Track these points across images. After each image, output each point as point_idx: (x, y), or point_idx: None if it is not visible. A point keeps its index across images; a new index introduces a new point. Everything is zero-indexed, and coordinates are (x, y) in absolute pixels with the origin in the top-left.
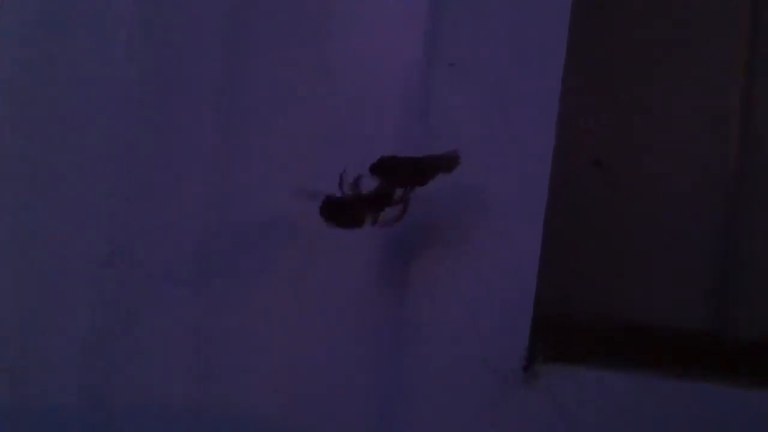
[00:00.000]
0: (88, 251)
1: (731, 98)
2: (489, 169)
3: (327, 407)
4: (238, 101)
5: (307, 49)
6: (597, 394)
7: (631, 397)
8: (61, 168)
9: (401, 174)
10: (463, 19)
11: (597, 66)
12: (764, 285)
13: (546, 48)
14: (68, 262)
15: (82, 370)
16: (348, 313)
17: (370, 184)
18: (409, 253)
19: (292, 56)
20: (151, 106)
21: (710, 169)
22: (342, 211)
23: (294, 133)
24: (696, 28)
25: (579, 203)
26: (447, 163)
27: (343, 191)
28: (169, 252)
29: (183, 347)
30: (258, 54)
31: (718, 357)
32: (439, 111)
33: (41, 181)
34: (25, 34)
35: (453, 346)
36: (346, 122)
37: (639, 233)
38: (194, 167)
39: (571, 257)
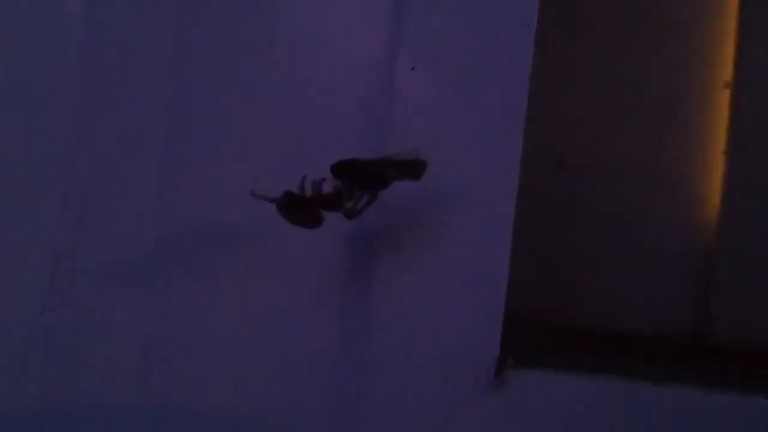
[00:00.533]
0: (35, 255)
1: (704, 93)
2: (456, 171)
3: (288, 411)
4: (190, 100)
5: (264, 47)
6: (568, 400)
7: (604, 403)
8: (4, 169)
9: (361, 177)
10: (426, 19)
11: (563, 63)
12: (746, 290)
13: (513, 48)
14: (14, 266)
15: (26, 375)
16: (308, 316)
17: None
18: (375, 256)
19: (248, 53)
20: (99, 103)
21: (691, 171)
22: (299, 208)
23: (250, 132)
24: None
25: (550, 206)
26: (412, 168)
27: (303, 193)
28: (119, 254)
29: (136, 351)
30: (211, 49)
31: (698, 363)
32: (403, 113)
33: None
34: None
35: (420, 350)
36: (307, 123)
37: (616, 237)
38: (144, 167)
39: (545, 262)
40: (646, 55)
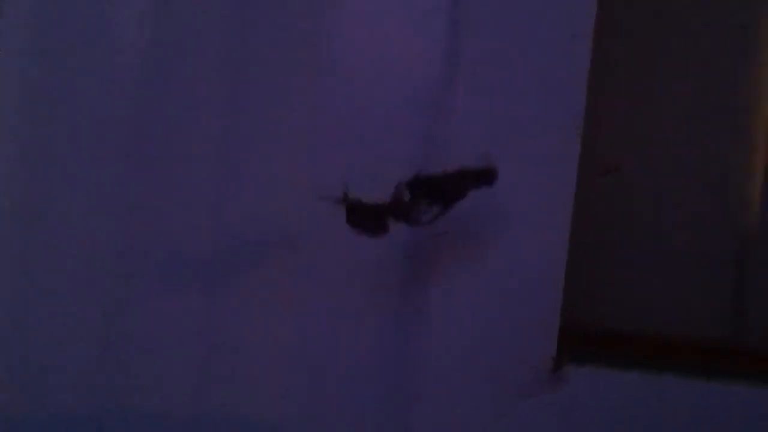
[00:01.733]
0: (93, 254)
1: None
2: (514, 178)
3: (342, 410)
4: (246, 110)
5: (323, 52)
6: (622, 396)
7: (657, 398)
8: (63, 171)
9: (437, 191)
10: (482, 32)
11: (615, 70)
12: None
13: (569, 58)
14: (72, 265)
15: (85, 373)
16: (369, 318)
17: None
18: (434, 257)
19: (305, 58)
20: (155, 108)
21: (727, 177)
22: (367, 216)
23: (308, 136)
24: (706, 33)
25: (597, 211)
26: (485, 176)
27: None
28: (174, 255)
29: (190, 350)
30: (268, 53)
31: (737, 364)
32: (461, 123)
33: (44, 186)
34: (27, 34)
35: (479, 349)
36: (365, 128)
37: (656, 243)
38: (198, 170)
39: (592, 267)
40: (697, 62)
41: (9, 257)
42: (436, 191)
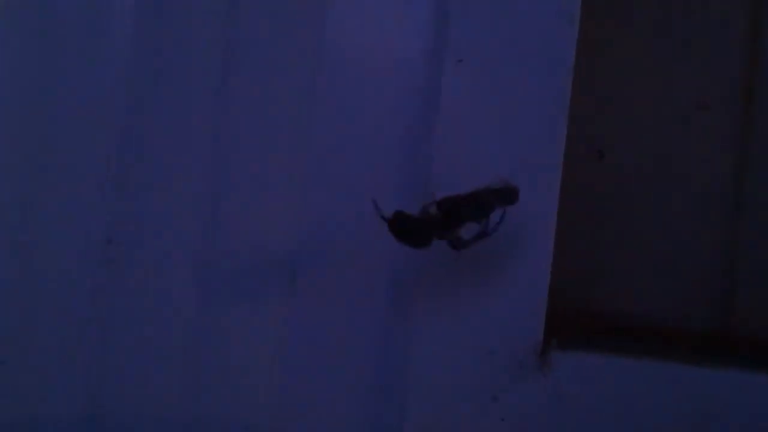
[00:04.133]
0: (84, 244)
1: (735, 92)
2: (500, 162)
3: (332, 405)
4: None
5: (309, 44)
6: (610, 380)
7: (645, 383)
8: (55, 162)
9: (464, 214)
10: (471, 13)
11: (602, 56)
12: None
13: (556, 41)
14: (63, 254)
15: (75, 364)
16: (359, 311)
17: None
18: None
19: (293, 51)
20: (147, 99)
21: (715, 167)
22: (414, 229)
23: (295, 129)
24: (699, 20)
25: (585, 198)
26: (508, 195)
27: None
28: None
29: (180, 344)
30: (257, 49)
31: (725, 350)
32: (449, 107)
33: (36, 175)
34: (20, 30)
35: (466, 335)
36: (352, 119)
37: (646, 231)
38: (190, 164)
39: (581, 253)
40: (684, 52)
41: None
42: (472, 210)
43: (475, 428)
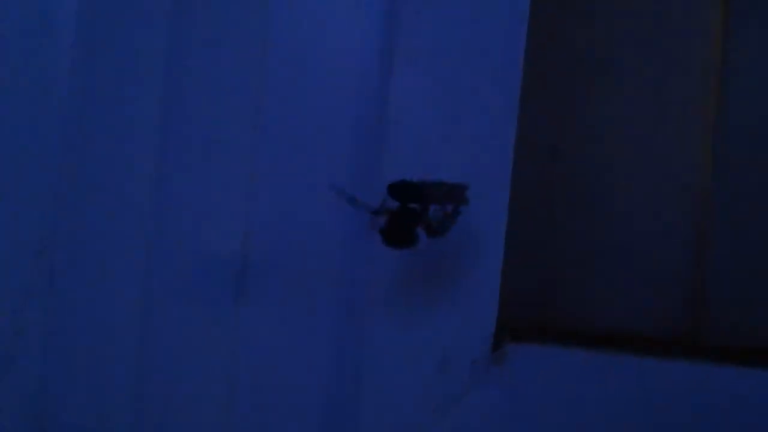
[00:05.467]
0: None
1: (701, 95)
2: (451, 162)
3: (283, 413)
4: (182, 94)
5: (259, 37)
6: (565, 372)
7: (599, 374)
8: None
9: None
10: (422, 11)
11: (555, 52)
12: (740, 290)
13: (506, 37)
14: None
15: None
16: (309, 308)
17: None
18: (371, 251)
19: (241, 43)
20: (87, 99)
21: (682, 172)
22: (404, 232)
23: (242, 130)
24: (659, 18)
25: (543, 196)
26: (456, 194)
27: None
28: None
29: (123, 354)
30: (201, 49)
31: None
32: (398, 101)
33: None
34: None
35: (418, 334)
36: (303, 112)
37: (611, 238)
38: (133, 165)
39: (535, 259)
40: (646, 45)
41: None
42: (444, 192)
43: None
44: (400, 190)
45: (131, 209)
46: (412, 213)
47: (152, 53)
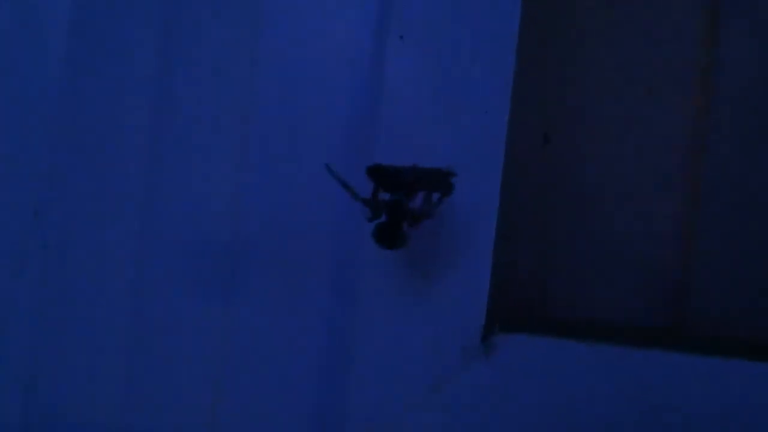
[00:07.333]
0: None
1: (689, 89)
2: (443, 143)
3: (275, 396)
4: (175, 81)
5: (251, 20)
6: (553, 362)
7: (587, 364)
8: None
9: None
10: None
11: (548, 37)
12: (724, 282)
13: (501, 22)
14: None
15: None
16: (301, 295)
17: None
18: (361, 242)
19: (233, 27)
20: (82, 91)
21: (668, 166)
22: (394, 233)
23: (234, 118)
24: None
25: (535, 182)
26: (440, 181)
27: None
28: (104, 260)
29: (114, 345)
30: (197, 26)
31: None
32: (391, 86)
33: None
34: None
35: (413, 323)
36: (294, 96)
37: (599, 231)
38: (126, 157)
39: (526, 246)
40: (636, 34)
41: None
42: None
43: (418, 417)
44: (375, 173)
45: (123, 197)
46: (400, 209)
47: (145, 37)
